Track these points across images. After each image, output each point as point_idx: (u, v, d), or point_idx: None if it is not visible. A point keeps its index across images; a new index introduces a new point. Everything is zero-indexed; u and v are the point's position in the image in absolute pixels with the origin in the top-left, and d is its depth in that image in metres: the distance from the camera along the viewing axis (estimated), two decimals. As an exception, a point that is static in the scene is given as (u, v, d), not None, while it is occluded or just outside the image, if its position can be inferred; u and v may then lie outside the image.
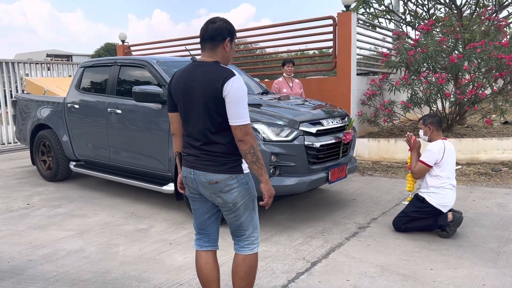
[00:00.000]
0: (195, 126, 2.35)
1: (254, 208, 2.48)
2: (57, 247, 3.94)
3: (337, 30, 7.78)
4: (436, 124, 4.13)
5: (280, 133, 4.17)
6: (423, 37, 7.46)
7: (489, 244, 3.85)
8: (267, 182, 2.34)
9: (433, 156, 4.00)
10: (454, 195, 4.08)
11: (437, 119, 4.17)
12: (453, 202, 4.10)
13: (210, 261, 2.56)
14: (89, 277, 3.31)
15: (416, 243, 3.91)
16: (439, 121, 4.17)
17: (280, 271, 3.36)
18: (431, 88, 6.99)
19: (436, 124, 4.13)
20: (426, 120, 4.19)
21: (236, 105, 2.23)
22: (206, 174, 2.34)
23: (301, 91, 6.86)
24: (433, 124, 4.13)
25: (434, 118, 4.18)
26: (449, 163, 4.04)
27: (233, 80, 2.23)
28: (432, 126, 4.13)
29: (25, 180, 6.79)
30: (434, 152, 4.00)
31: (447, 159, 4.01)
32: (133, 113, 5.12)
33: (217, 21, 2.38)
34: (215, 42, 2.35)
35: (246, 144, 2.25)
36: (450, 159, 4.05)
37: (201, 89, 2.28)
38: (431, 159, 4.01)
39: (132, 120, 5.15)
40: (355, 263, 3.48)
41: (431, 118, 4.18)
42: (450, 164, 4.06)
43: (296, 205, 5.12)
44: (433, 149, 4.02)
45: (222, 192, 2.35)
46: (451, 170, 4.08)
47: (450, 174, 4.05)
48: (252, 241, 2.50)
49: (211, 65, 2.32)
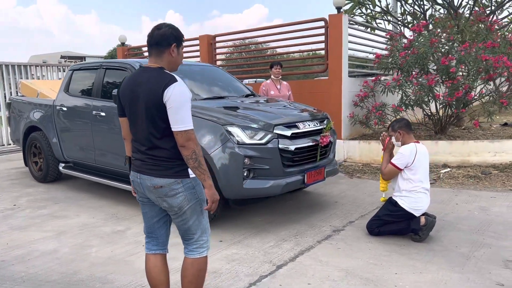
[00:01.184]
0: (141, 131, 2.39)
1: (202, 212, 2.50)
2: (32, 248, 4.01)
3: (328, 32, 7.76)
4: (405, 128, 4.12)
5: (254, 136, 4.19)
6: (416, 38, 7.41)
7: (461, 248, 3.82)
8: (210, 187, 2.35)
9: (404, 159, 3.99)
10: (427, 199, 4.06)
11: (404, 122, 4.17)
12: (426, 206, 4.07)
13: (158, 264, 2.58)
14: (56, 278, 3.37)
15: (387, 247, 3.89)
16: (407, 124, 4.16)
17: (244, 274, 3.37)
18: (421, 89, 6.93)
19: (404, 127, 4.12)
20: (394, 126, 4.20)
21: (177, 111, 2.25)
22: (151, 178, 2.38)
23: (289, 93, 6.87)
24: (401, 128, 4.12)
25: (402, 122, 4.18)
26: (421, 167, 4.01)
27: (174, 86, 2.25)
28: (402, 130, 4.12)
29: (17, 181, 6.91)
30: (405, 155, 3.99)
31: (418, 162, 3.99)
32: (116, 116, 5.18)
33: (163, 27, 2.41)
34: (161, 48, 2.39)
35: (188, 149, 2.28)
36: (423, 163, 4.03)
37: (144, 94, 2.31)
38: (401, 162, 4.00)
39: (115, 122, 5.21)
40: (321, 267, 3.48)
41: (399, 123, 4.19)
42: (423, 168, 4.03)
43: (276, 208, 5.13)
44: (404, 152, 4.01)
45: (167, 197, 2.38)
46: (424, 174, 4.06)
47: (422, 177, 4.03)
48: (201, 244, 2.53)
49: (155, 71, 2.35)
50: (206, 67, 6.17)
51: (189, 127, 2.28)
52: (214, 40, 9.79)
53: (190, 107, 2.31)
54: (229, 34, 9.62)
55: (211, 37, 9.78)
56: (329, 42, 7.74)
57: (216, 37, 9.80)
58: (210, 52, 9.78)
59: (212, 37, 9.79)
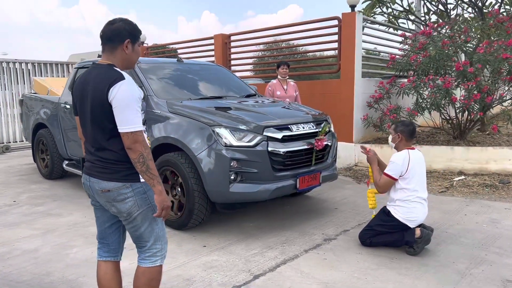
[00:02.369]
0: (89, 131, 2.27)
1: (156, 219, 2.35)
2: (15, 246, 3.99)
3: (341, 31, 7.49)
4: (406, 134, 3.82)
5: (242, 138, 4.03)
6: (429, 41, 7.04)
7: (458, 264, 3.52)
8: (160, 193, 2.19)
9: (398, 168, 3.72)
10: (423, 209, 3.78)
11: (409, 128, 3.83)
12: (422, 217, 3.79)
13: (108, 271, 2.46)
14: (27, 278, 3.31)
15: (377, 259, 3.64)
16: (411, 131, 3.83)
17: (218, 283, 3.21)
18: (436, 92, 6.56)
19: (406, 133, 3.82)
20: (398, 127, 3.89)
21: (123, 111, 2.12)
22: (99, 181, 2.25)
23: (296, 93, 6.65)
24: (403, 133, 3.83)
25: (407, 128, 3.84)
26: (416, 175, 3.74)
27: (120, 84, 2.12)
28: (402, 135, 3.84)
29: (25, 177, 7.01)
30: (398, 164, 3.72)
31: (413, 170, 3.72)
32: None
33: (116, 22, 2.28)
34: (113, 44, 2.26)
35: (135, 152, 2.14)
36: (418, 170, 3.76)
37: (91, 93, 2.19)
38: (396, 171, 3.73)
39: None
40: (300, 279, 3.28)
41: (403, 127, 3.86)
42: (417, 176, 3.76)
43: (271, 213, 4.94)
44: (397, 160, 3.74)
45: (115, 201, 2.25)
46: (419, 182, 3.78)
47: (417, 186, 3.75)
48: (153, 253, 2.38)
49: (104, 68, 2.22)
50: (209, 66, 6.04)
51: (136, 129, 2.14)
52: (228, 39, 9.67)
53: (138, 106, 2.17)
54: (243, 33, 9.47)
55: (225, 37, 9.67)
56: (342, 41, 7.46)
57: (230, 36, 9.68)
58: (224, 52, 9.67)
59: (227, 37, 9.67)
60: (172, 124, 4.35)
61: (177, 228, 4.34)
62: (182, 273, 3.37)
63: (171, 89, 5.03)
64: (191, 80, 5.38)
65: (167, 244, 2.47)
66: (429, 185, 6.07)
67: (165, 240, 2.45)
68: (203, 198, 4.12)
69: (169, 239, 4.06)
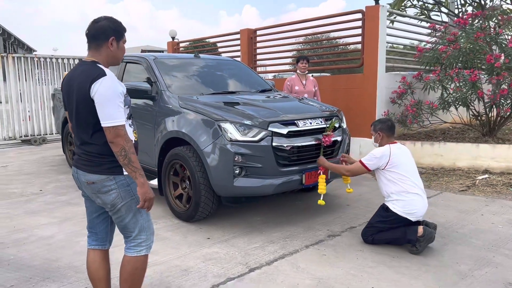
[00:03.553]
0: (75, 126, 2.38)
1: (140, 210, 2.44)
2: (33, 232, 4.23)
3: (365, 24, 7.35)
4: (386, 130, 3.87)
5: (247, 133, 4.07)
6: (460, 32, 6.78)
7: (462, 265, 3.43)
8: (142, 185, 2.29)
9: (373, 160, 3.79)
10: (421, 201, 3.72)
11: (387, 124, 3.89)
12: (422, 210, 3.73)
13: (97, 259, 2.58)
14: (37, 263, 3.51)
15: (378, 257, 3.60)
16: (389, 127, 3.89)
17: (213, 274, 3.28)
18: (462, 86, 6.32)
19: (386, 130, 3.87)
20: (376, 126, 3.95)
21: (104, 106, 2.21)
22: (85, 174, 2.37)
23: (315, 89, 6.61)
24: (382, 130, 3.89)
25: (384, 124, 3.91)
26: (401, 165, 3.74)
27: (102, 80, 2.21)
28: (382, 132, 3.89)
29: (55, 168, 7.37)
30: (375, 157, 3.78)
31: (396, 161, 3.73)
32: (130, 109, 5.30)
33: (101, 20, 2.37)
34: (98, 41, 2.36)
35: (116, 146, 2.23)
36: (403, 161, 3.77)
37: (76, 89, 2.29)
38: (370, 162, 3.80)
39: (129, 115, 5.33)
40: (295, 273, 3.29)
41: (381, 124, 3.92)
42: (406, 167, 3.76)
43: (280, 208, 4.97)
44: (375, 153, 3.80)
45: (100, 193, 2.36)
46: (410, 174, 3.75)
47: (409, 178, 3.72)
48: (138, 243, 2.48)
49: (88, 64, 2.32)
50: (225, 61, 6.10)
51: (118, 123, 2.23)
52: (254, 34, 9.70)
53: (120, 102, 2.26)
54: (269, 27, 9.46)
55: (251, 31, 9.69)
56: (365, 35, 7.32)
57: (256, 31, 9.70)
58: (250, 46, 9.71)
59: (253, 31, 9.70)
60: (181, 118, 4.45)
61: (185, 220, 4.45)
62: (180, 264, 3.47)
63: (184, 84, 5.14)
64: (206, 75, 5.47)
65: (153, 235, 2.56)
66: (450, 184, 5.90)
67: (151, 231, 2.54)
68: (209, 192, 4.20)
69: (178, 229, 4.26)
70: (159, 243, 3.92)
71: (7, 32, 46.15)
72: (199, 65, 5.60)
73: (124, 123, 2.26)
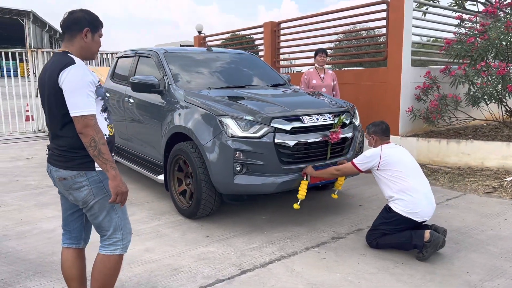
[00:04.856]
0: (47, 118, 2.32)
1: (114, 208, 2.35)
2: (37, 225, 4.26)
3: (389, 15, 7.00)
4: (379, 133, 3.76)
5: (249, 129, 3.92)
6: (492, 22, 6.33)
7: (472, 275, 3.15)
8: (113, 178, 2.19)
9: (364, 160, 3.68)
10: (425, 200, 3.49)
11: (380, 127, 3.77)
12: (427, 210, 3.48)
13: (69, 258, 2.51)
14: (33, 257, 3.52)
15: (381, 263, 3.37)
16: (383, 129, 3.76)
17: (203, 275, 3.17)
18: (491, 80, 5.90)
19: (379, 133, 3.76)
20: (369, 130, 3.84)
21: (72, 95, 2.13)
22: (57, 170, 2.29)
23: (334, 83, 6.36)
24: (376, 133, 3.77)
25: (378, 127, 3.78)
26: (398, 164, 3.56)
27: (70, 69, 2.14)
28: (376, 135, 3.78)
29: (76, 161, 7.47)
30: (366, 156, 3.68)
31: (390, 161, 3.56)
32: (140, 102, 5.27)
33: (76, 12, 2.32)
34: (72, 32, 2.29)
35: (86, 136, 2.14)
36: (399, 159, 3.59)
37: (46, 80, 2.23)
38: (361, 162, 3.70)
39: (140, 109, 5.30)
40: (288, 277, 3.13)
41: (374, 127, 3.81)
42: (402, 165, 3.57)
43: (288, 206, 4.75)
44: (366, 153, 3.70)
45: (72, 190, 2.28)
46: (410, 172, 3.56)
47: (408, 176, 3.51)
48: (113, 242, 2.39)
49: (59, 55, 2.26)
50: (239, 55, 5.95)
51: (86, 112, 2.14)
52: (277, 27, 9.49)
53: (90, 91, 2.17)
54: (292, 20, 9.22)
55: (274, 24, 9.50)
56: (390, 27, 6.98)
57: (280, 23, 9.49)
58: (273, 40, 9.52)
59: (276, 24, 9.50)
60: (185, 113, 4.35)
61: (188, 216, 4.37)
62: (173, 263, 3.38)
63: (193, 78, 5.04)
64: (217, 69, 5.35)
65: (129, 234, 2.47)
66: (475, 185, 5.52)
67: (127, 230, 2.44)
68: (211, 189, 4.08)
69: (178, 226, 4.18)
70: (157, 240, 3.85)
71: (53, 28, 48.05)
72: (211, 59, 5.48)
73: (94, 113, 2.17)
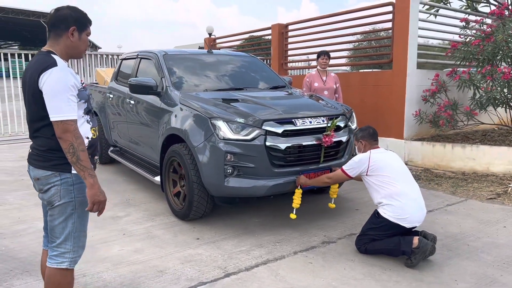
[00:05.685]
0: (28, 118, 2.30)
1: (73, 217, 2.27)
2: (33, 224, 4.32)
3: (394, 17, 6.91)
4: (368, 138, 3.73)
5: (240, 132, 3.91)
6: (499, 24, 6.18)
7: (460, 283, 3.08)
8: (91, 187, 2.15)
9: (353, 165, 3.64)
10: (414, 205, 3.44)
11: (368, 132, 3.74)
12: (416, 215, 3.43)
13: (46, 260, 2.51)
14: (24, 256, 3.57)
15: (367, 269, 3.32)
16: (370, 134, 3.73)
17: (186, 278, 3.17)
18: (495, 84, 5.77)
19: (367, 137, 3.73)
20: (357, 135, 3.82)
21: (52, 98, 2.10)
22: (33, 169, 2.29)
23: (336, 85, 6.31)
24: (364, 138, 3.74)
25: (365, 131, 3.75)
26: (386, 169, 3.51)
27: (51, 71, 2.10)
28: (364, 140, 3.74)
29: (82, 161, 7.56)
30: (354, 161, 3.64)
31: (378, 166, 3.52)
32: (140, 104, 5.31)
33: (63, 9, 2.26)
34: (57, 31, 2.24)
35: (65, 142, 2.12)
36: (387, 164, 3.54)
37: (28, 79, 2.21)
38: (350, 167, 3.67)
39: (139, 110, 5.34)
40: (271, 281, 3.10)
41: (362, 132, 3.78)
42: (391, 170, 3.52)
43: (283, 209, 4.72)
44: (355, 159, 3.66)
45: (43, 191, 2.27)
46: (399, 177, 3.50)
47: (397, 181, 3.46)
48: (61, 252, 2.28)
49: (42, 54, 2.22)
50: (239, 57, 5.95)
51: (66, 117, 2.10)
52: (285, 29, 9.47)
53: (71, 95, 2.14)
54: (300, 22, 9.18)
55: (282, 26, 9.48)
56: (395, 29, 6.89)
57: (288, 25, 9.46)
58: (281, 42, 9.50)
59: (284, 26, 9.48)
60: (179, 115, 4.37)
61: (181, 218, 4.38)
62: (159, 264, 3.39)
63: (191, 81, 5.06)
64: (215, 72, 5.35)
65: (82, 249, 2.37)
66: (478, 190, 5.40)
67: (80, 244, 2.34)
68: (203, 191, 4.09)
69: (171, 228, 4.20)
70: (147, 241, 3.87)
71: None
72: (210, 61, 5.50)
73: (74, 117, 2.14)
